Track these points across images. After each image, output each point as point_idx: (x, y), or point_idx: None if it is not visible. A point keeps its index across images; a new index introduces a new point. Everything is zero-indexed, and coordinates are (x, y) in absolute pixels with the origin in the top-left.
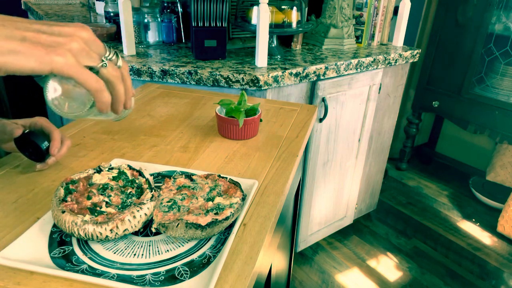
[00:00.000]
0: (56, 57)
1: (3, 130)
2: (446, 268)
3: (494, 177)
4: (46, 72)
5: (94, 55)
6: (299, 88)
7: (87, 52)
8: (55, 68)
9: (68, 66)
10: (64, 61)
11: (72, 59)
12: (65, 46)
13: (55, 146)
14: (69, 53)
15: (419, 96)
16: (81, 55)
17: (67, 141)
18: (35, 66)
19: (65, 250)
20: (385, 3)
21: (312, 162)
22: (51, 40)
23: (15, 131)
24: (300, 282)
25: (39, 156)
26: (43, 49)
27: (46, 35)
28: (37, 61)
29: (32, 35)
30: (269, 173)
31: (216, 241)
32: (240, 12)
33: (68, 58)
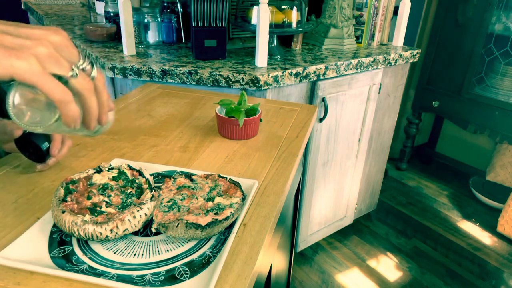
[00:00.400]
0: (18, 61)
1: (3, 131)
2: (446, 268)
3: (494, 177)
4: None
5: (64, 63)
6: (299, 88)
7: (56, 58)
8: (15, 74)
9: (30, 72)
10: (26, 67)
11: (36, 65)
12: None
13: (55, 147)
14: (34, 57)
15: (419, 96)
16: (48, 62)
17: (68, 141)
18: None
19: (65, 250)
20: (385, 3)
21: (312, 162)
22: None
23: (15, 131)
24: (300, 282)
25: (40, 157)
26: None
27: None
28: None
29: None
30: (269, 173)
31: (216, 241)
32: (240, 12)
33: (31, 63)
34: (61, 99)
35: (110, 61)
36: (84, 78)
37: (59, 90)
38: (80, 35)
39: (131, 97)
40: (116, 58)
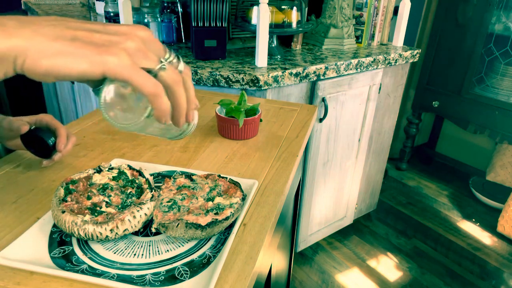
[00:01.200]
0: (109, 57)
1: (9, 127)
2: (446, 268)
3: (494, 177)
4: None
5: (152, 56)
6: (299, 88)
7: (144, 52)
8: (107, 70)
9: (122, 67)
10: (118, 62)
11: (127, 60)
12: (119, 45)
13: (61, 142)
14: (124, 52)
15: (419, 96)
16: (138, 56)
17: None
18: (86, 68)
19: (65, 250)
20: (385, 3)
21: (312, 162)
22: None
23: (21, 127)
24: (300, 282)
25: (46, 152)
26: (95, 49)
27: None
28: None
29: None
30: (269, 173)
31: (216, 241)
32: (240, 12)
33: (122, 58)
34: (153, 92)
35: None
36: (172, 70)
37: (151, 83)
38: None
39: None
40: None
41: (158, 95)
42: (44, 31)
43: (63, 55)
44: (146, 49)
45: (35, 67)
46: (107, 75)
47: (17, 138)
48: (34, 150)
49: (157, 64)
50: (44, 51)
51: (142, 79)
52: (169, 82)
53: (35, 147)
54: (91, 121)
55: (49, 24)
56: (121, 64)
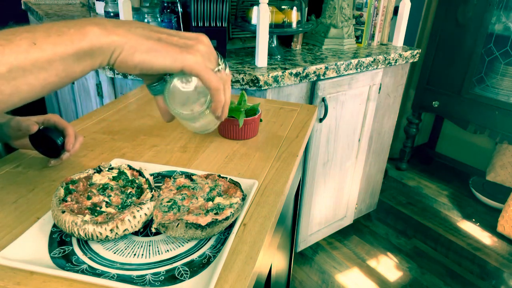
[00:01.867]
0: (189, 55)
1: (17, 127)
2: (446, 268)
3: (494, 177)
4: (177, 69)
5: (213, 59)
6: (299, 88)
7: (209, 55)
8: (186, 66)
9: (198, 64)
10: (195, 60)
11: (200, 59)
12: (194, 47)
13: (70, 142)
14: (199, 53)
15: (419, 96)
16: (206, 57)
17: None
18: (169, 63)
19: (65, 250)
20: (385, 3)
21: (312, 162)
22: (182, 41)
23: (31, 127)
24: (300, 282)
25: (54, 152)
26: (177, 49)
27: (177, 38)
28: (171, 58)
29: (165, 37)
30: (269, 173)
31: (216, 241)
32: (240, 12)
33: (197, 57)
34: (218, 87)
35: None
36: (224, 72)
37: (217, 79)
38: None
39: (131, 97)
40: None
41: (220, 89)
42: (136, 31)
43: (152, 52)
44: (210, 53)
45: (129, 59)
46: (185, 69)
47: (25, 138)
48: (43, 149)
49: (216, 65)
50: (138, 47)
51: (211, 75)
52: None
53: (44, 146)
54: (91, 121)
55: (138, 26)
56: (197, 62)
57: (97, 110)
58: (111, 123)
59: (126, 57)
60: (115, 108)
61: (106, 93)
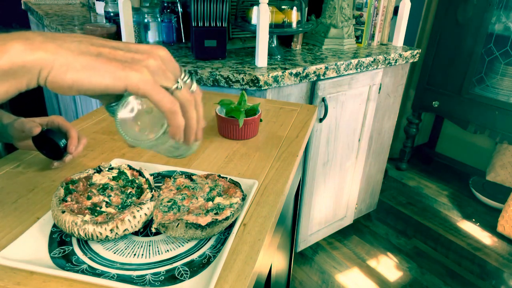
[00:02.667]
0: (132, 72)
1: (21, 128)
2: (446, 268)
3: (494, 177)
4: (121, 89)
5: (170, 75)
6: (299, 88)
7: (164, 71)
8: (130, 85)
9: (144, 82)
10: (140, 77)
11: (148, 76)
12: (142, 62)
13: (72, 144)
14: (146, 69)
15: (419, 96)
16: (158, 74)
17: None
18: (109, 82)
19: (65, 250)
20: (385, 3)
21: (312, 162)
22: (128, 56)
23: (34, 129)
24: (300, 282)
25: (57, 154)
26: (119, 65)
27: (123, 52)
28: (111, 77)
29: (107, 51)
30: (269, 173)
31: (216, 241)
32: (240, 12)
33: (144, 74)
34: (171, 109)
35: None
36: (187, 90)
37: (169, 100)
38: None
39: None
40: None
41: (175, 112)
42: (69, 46)
43: (88, 70)
44: (165, 68)
45: (60, 79)
46: (129, 89)
47: (28, 139)
48: (46, 151)
49: (174, 83)
50: (70, 65)
51: (162, 95)
52: (183, 101)
53: (47, 148)
54: (91, 121)
55: (74, 40)
56: (143, 80)
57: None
58: (111, 123)
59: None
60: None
61: None
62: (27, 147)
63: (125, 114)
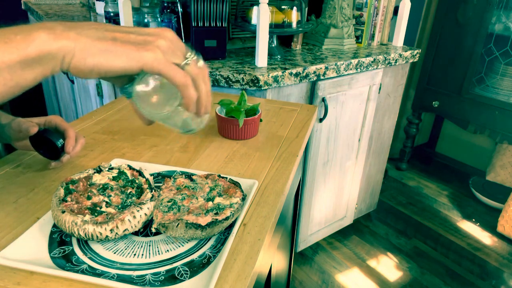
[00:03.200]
0: (146, 52)
1: (18, 128)
2: (446, 268)
3: (494, 177)
4: (136, 69)
5: (179, 53)
6: (299, 88)
7: (173, 50)
8: (145, 64)
9: (158, 61)
10: (154, 57)
11: (161, 55)
12: (153, 43)
13: (70, 144)
14: (158, 49)
15: (419, 96)
16: (168, 52)
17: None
18: (126, 63)
19: (65, 250)
20: (385, 3)
21: (312, 162)
22: (140, 38)
23: (30, 129)
24: (300, 282)
25: (54, 154)
26: (133, 47)
27: (135, 35)
28: (128, 58)
29: (121, 36)
30: (269, 173)
31: (216, 241)
32: (240, 12)
33: (157, 53)
34: (184, 82)
35: None
36: (195, 65)
37: (182, 74)
38: None
39: None
40: None
41: (188, 85)
42: (87, 33)
43: (106, 53)
44: (174, 47)
45: (82, 64)
46: (144, 68)
47: (26, 139)
48: (43, 151)
49: (183, 60)
50: (89, 50)
51: (175, 71)
52: (193, 75)
53: (44, 148)
54: (91, 121)
55: (91, 27)
56: (157, 59)
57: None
58: (111, 123)
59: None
60: (115, 108)
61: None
62: (25, 147)
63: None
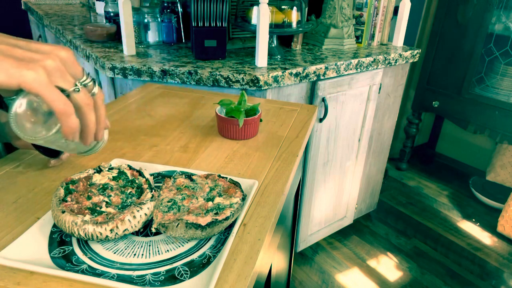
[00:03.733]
0: (27, 71)
1: None
2: (446, 268)
3: (494, 177)
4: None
5: (69, 78)
6: (299, 88)
7: (62, 72)
8: (23, 83)
9: (37, 82)
10: (34, 77)
11: (43, 76)
12: (39, 62)
13: None
14: (42, 69)
15: (419, 96)
16: (55, 75)
17: None
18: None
19: (65, 250)
20: (385, 3)
21: (312, 162)
22: (26, 55)
23: None
24: (300, 282)
25: (53, 152)
26: (15, 62)
27: (22, 50)
28: (5, 73)
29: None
30: (269, 173)
31: (216, 241)
32: (240, 12)
33: (39, 74)
34: (63, 110)
35: (110, 61)
36: (85, 93)
37: (62, 101)
38: (80, 35)
39: (131, 97)
40: (116, 58)
41: (67, 113)
42: None
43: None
44: (64, 70)
45: None
46: (22, 87)
47: None
48: (42, 149)
49: (72, 85)
50: None
51: (54, 96)
52: (80, 104)
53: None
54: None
55: None
56: (37, 79)
57: None
58: (111, 123)
59: None
60: (115, 108)
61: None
62: (25, 146)
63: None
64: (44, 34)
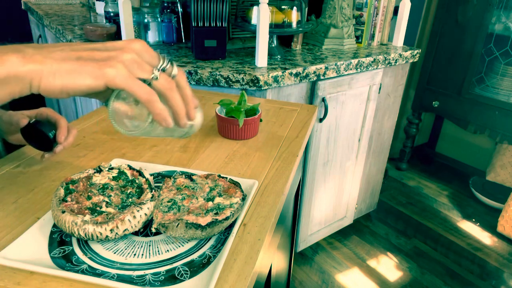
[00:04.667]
0: (108, 69)
1: (9, 121)
2: (446, 268)
3: (494, 177)
4: (101, 86)
5: (146, 67)
6: (299, 88)
7: (139, 63)
8: (108, 81)
9: (119, 77)
10: (115, 73)
11: (123, 70)
12: (117, 58)
13: (62, 134)
14: (121, 64)
15: (419, 96)
16: (133, 67)
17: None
18: (90, 82)
19: (65, 250)
20: (385, 3)
21: (312, 162)
22: (103, 55)
23: (21, 121)
24: (300, 282)
25: (47, 145)
26: (96, 64)
27: (100, 52)
28: (91, 76)
29: (86, 54)
30: (269, 173)
31: (216, 241)
32: (240, 12)
33: (119, 69)
34: (147, 99)
35: None
36: (165, 78)
37: (144, 90)
38: (80, 35)
39: None
40: None
41: (152, 100)
42: (53, 55)
43: (71, 73)
44: (140, 61)
45: (51, 86)
46: (108, 85)
47: (18, 133)
48: (35, 143)
49: (150, 74)
50: (55, 71)
51: (136, 87)
52: (161, 90)
53: (36, 140)
54: (91, 121)
55: (57, 49)
56: (118, 75)
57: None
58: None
59: (47, 84)
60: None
61: None
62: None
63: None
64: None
